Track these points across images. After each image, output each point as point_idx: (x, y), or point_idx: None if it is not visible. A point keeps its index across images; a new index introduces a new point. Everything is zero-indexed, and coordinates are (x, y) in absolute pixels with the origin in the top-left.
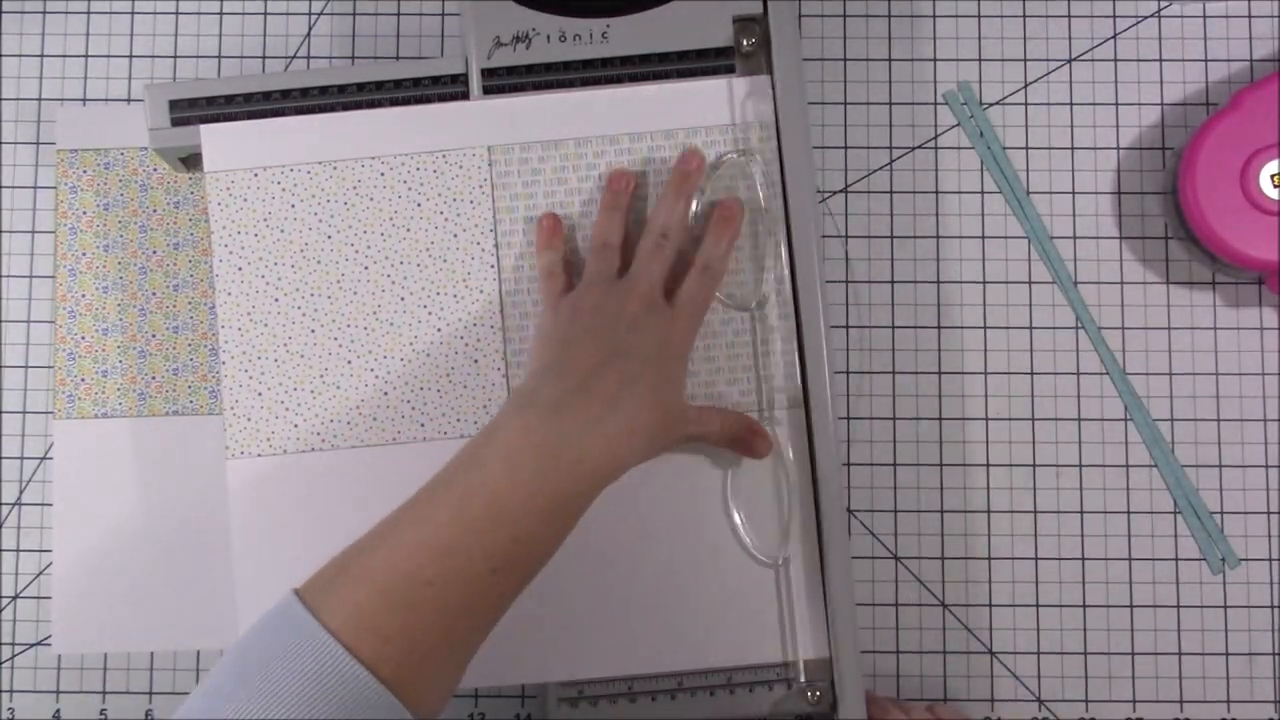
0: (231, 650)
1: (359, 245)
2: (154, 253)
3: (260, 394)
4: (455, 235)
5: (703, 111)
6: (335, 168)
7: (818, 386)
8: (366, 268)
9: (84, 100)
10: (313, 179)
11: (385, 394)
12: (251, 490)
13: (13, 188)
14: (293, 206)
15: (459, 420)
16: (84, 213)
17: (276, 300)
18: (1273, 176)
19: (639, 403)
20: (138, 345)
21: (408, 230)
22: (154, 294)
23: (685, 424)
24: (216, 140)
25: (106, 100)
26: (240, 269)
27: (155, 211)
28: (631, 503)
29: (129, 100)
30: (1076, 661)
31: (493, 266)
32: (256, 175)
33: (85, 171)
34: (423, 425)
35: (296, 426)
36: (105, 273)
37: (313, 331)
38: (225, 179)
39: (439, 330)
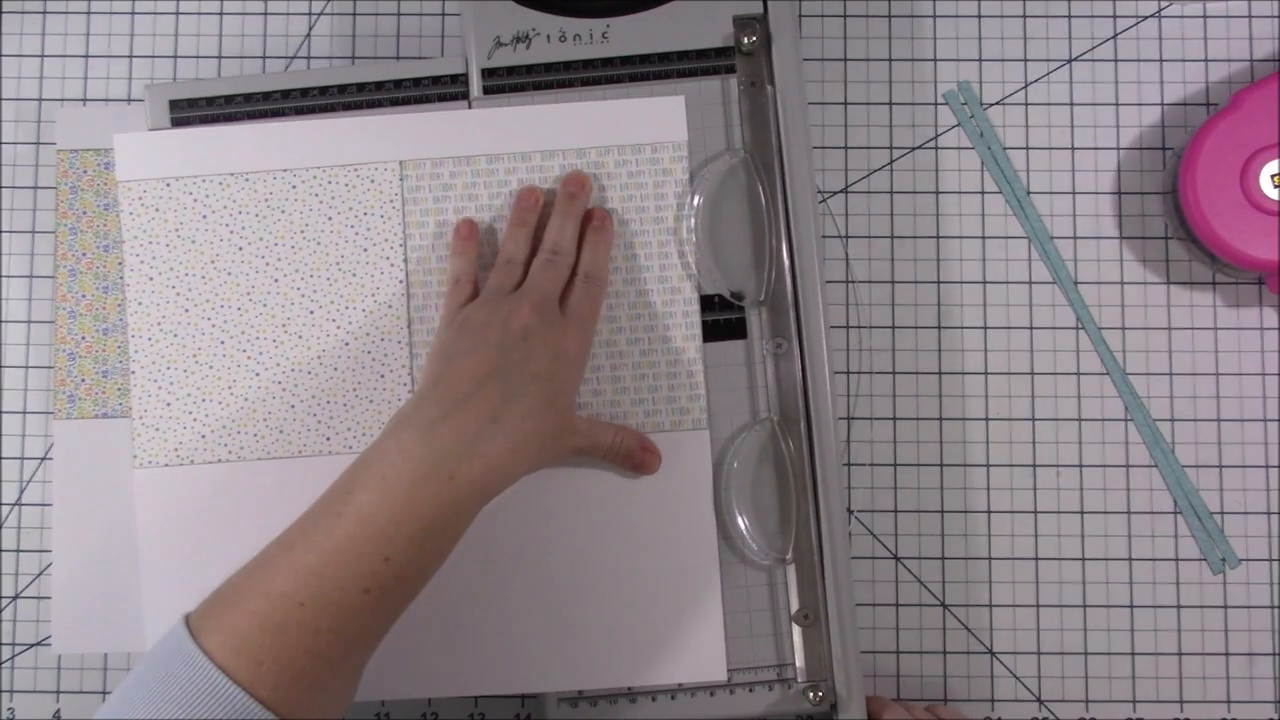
0: (128, 676)
1: (269, 257)
2: None
3: (169, 404)
4: (365, 249)
5: (620, 130)
6: (247, 179)
7: (818, 386)
8: (276, 280)
9: (84, 100)
10: (225, 190)
11: (292, 406)
12: (158, 499)
13: (13, 188)
14: (204, 218)
15: (364, 434)
16: (84, 213)
17: (186, 311)
18: (1273, 176)
19: (522, 417)
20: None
21: (318, 243)
22: None
23: (573, 436)
24: (129, 149)
25: (106, 100)
26: (151, 279)
27: None
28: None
29: (129, 100)
30: (1076, 661)
31: (401, 281)
32: (169, 185)
33: (85, 171)
34: (328, 439)
35: (204, 437)
36: (105, 273)
37: (222, 343)
38: (138, 188)
39: (346, 344)
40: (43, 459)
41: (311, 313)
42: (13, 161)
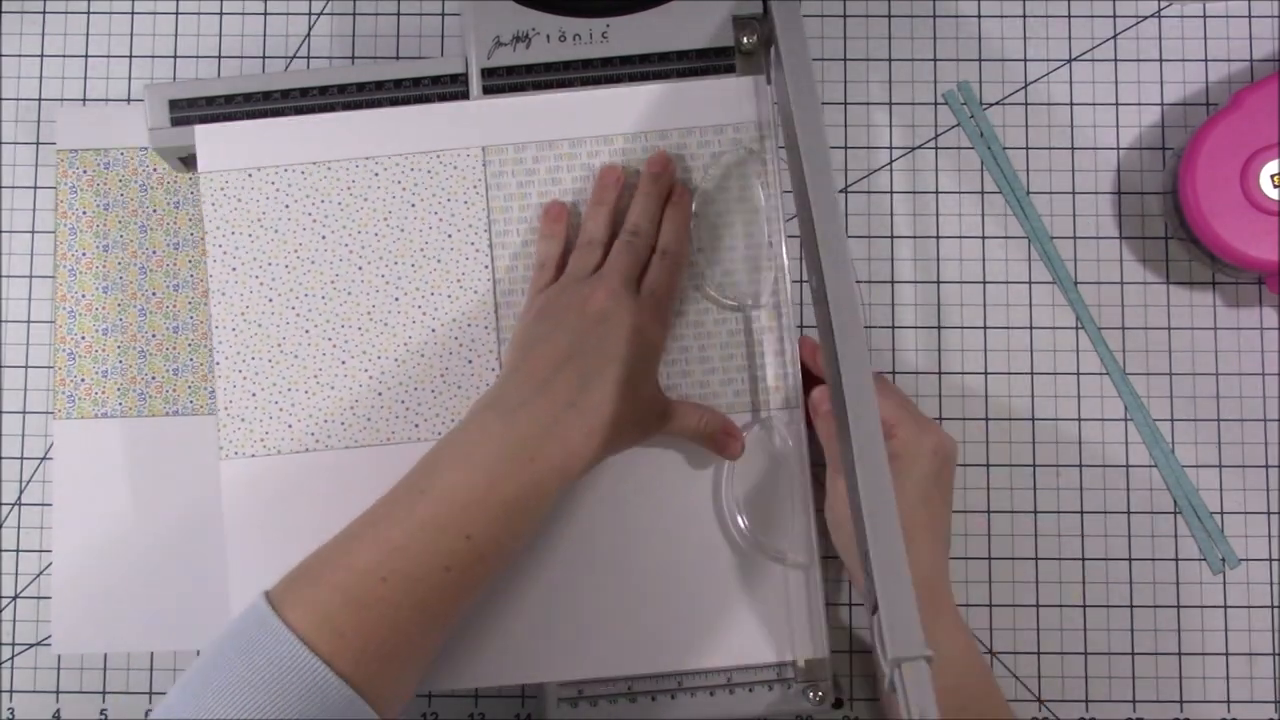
0: (206, 648)
1: (353, 245)
2: (154, 252)
3: (254, 394)
4: (449, 235)
5: (700, 111)
6: (329, 168)
7: (856, 388)
8: (361, 268)
9: (84, 100)
10: (307, 179)
11: (379, 394)
12: (245, 491)
13: (13, 188)
14: (287, 207)
15: (452, 420)
16: (84, 213)
17: (270, 301)
18: (1273, 176)
19: (600, 402)
20: (138, 345)
21: (402, 230)
22: (154, 294)
23: (661, 419)
24: (211, 140)
25: (106, 100)
26: (234, 269)
27: (155, 211)
28: (631, 503)
29: (129, 100)
30: (1076, 661)
31: (487, 266)
32: (251, 176)
33: (85, 171)
34: (417, 426)
35: (290, 427)
36: (105, 273)
37: (307, 332)
38: (220, 179)
39: (433, 330)
40: (43, 459)
41: (397, 300)
42: (13, 161)
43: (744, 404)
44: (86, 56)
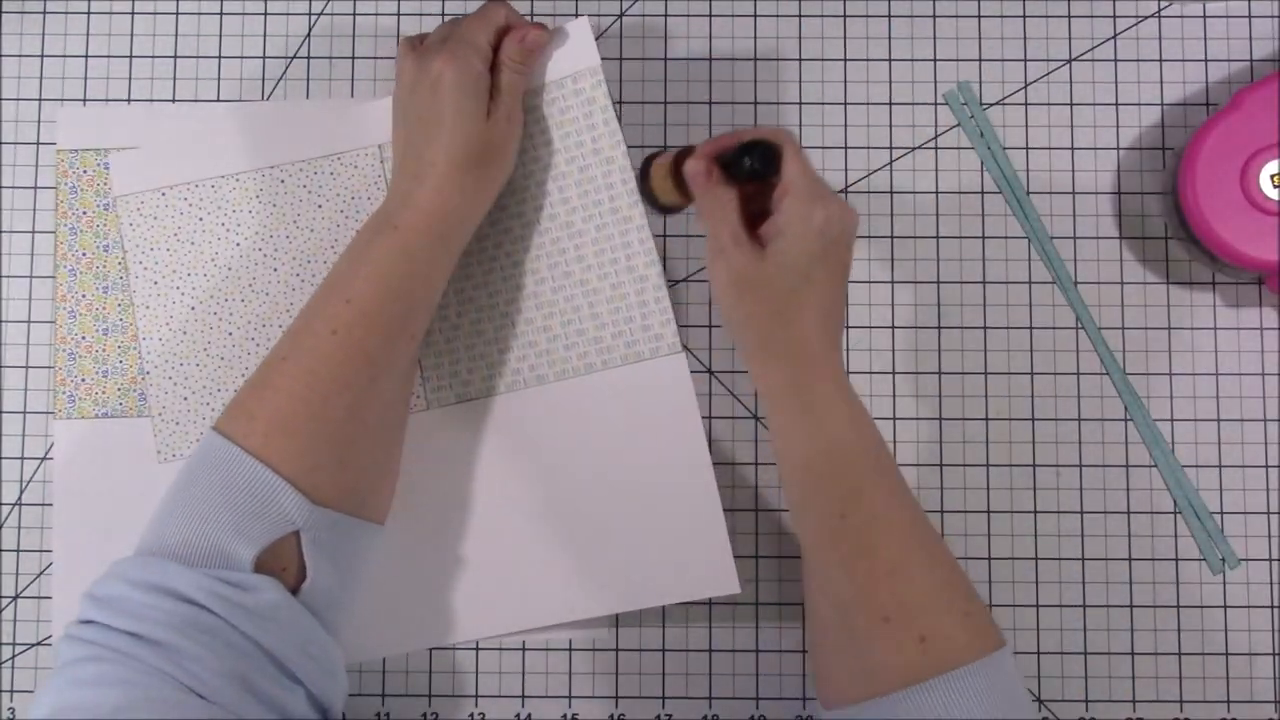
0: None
1: (266, 249)
2: None
3: (185, 399)
4: (356, 230)
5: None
6: (238, 179)
7: None
8: (275, 269)
9: (84, 100)
10: (217, 192)
11: None
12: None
13: (13, 188)
14: (200, 219)
15: None
16: (84, 213)
17: (193, 309)
18: (1273, 176)
19: (434, 163)
20: (138, 345)
21: (311, 230)
22: None
23: (490, 132)
24: (123, 165)
25: (106, 100)
26: (155, 283)
27: None
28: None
29: (129, 100)
30: (1076, 661)
31: None
32: (164, 194)
33: (85, 171)
34: None
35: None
36: (105, 272)
37: (230, 334)
38: (135, 200)
39: None
40: (43, 459)
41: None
42: (13, 161)
43: (636, 354)
44: (86, 56)
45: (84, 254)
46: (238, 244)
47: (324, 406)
